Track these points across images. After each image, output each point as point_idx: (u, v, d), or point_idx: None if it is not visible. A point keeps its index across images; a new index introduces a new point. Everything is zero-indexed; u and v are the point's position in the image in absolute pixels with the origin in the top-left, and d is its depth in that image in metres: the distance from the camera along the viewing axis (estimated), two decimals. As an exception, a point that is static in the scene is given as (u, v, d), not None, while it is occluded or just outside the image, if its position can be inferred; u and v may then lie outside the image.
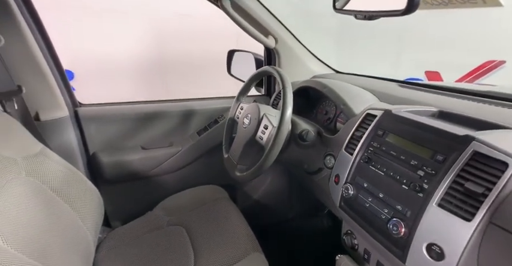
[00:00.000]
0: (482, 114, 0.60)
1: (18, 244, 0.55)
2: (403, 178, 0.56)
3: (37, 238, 0.61)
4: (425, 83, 0.93)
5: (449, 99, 0.77)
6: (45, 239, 0.63)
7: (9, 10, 0.79)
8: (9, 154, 0.69)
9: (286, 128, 0.73)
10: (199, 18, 1.32)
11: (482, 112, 0.63)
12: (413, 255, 0.51)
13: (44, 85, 0.95)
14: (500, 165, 0.44)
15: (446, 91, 0.84)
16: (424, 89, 0.89)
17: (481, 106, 0.69)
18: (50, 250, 0.62)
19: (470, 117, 0.61)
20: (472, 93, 0.77)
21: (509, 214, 0.42)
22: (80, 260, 0.72)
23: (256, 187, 1.46)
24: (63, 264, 0.64)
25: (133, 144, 1.21)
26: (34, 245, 0.59)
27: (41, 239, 0.61)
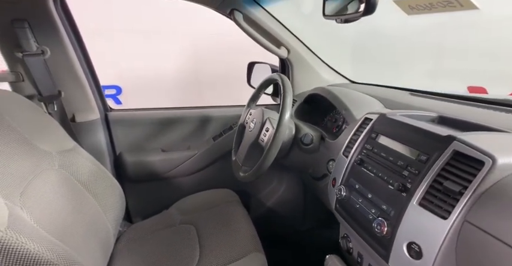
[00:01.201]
0: (484, 119, 0.60)
1: (46, 226, 0.64)
2: (390, 179, 0.57)
3: (63, 223, 0.70)
4: (437, 92, 0.92)
5: (457, 106, 0.76)
6: (70, 224, 0.72)
7: (55, 27, 0.95)
8: (46, 148, 0.81)
9: (284, 130, 0.78)
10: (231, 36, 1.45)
11: (485, 118, 0.62)
12: (395, 254, 0.52)
13: (81, 91, 1.10)
14: (477, 163, 0.44)
15: (458, 99, 0.82)
16: (434, 97, 0.89)
17: (488, 112, 0.68)
18: (73, 234, 0.71)
19: (468, 121, 0.61)
20: (485, 101, 0.76)
21: (482, 212, 0.42)
22: (100, 248, 0.80)
23: (270, 195, 1.49)
24: (84, 249, 0.72)
25: (155, 146, 1.32)
26: (60, 228, 0.68)
27: (66, 224, 0.70)
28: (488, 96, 0.79)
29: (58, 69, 1.01)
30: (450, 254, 0.45)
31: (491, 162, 0.43)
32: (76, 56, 1.03)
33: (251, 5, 1.03)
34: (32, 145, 0.77)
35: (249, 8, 1.03)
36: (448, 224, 0.44)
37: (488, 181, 0.43)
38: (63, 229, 0.68)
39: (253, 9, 1.04)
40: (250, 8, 1.03)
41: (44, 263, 0.57)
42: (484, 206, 0.42)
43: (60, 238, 0.65)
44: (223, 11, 1.03)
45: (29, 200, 0.64)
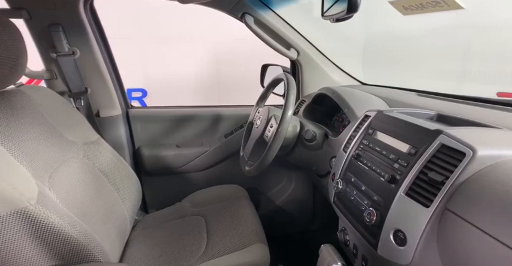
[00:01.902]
0: (479, 117, 0.61)
1: (70, 206, 0.72)
2: (382, 171, 0.60)
3: (84, 206, 0.78)
4: (443, 93, 0.93)
5: (458, 105, 0.77)
6: (91, 208, 0.79)
7: (84, 30, 1.05)
8: (73, 138, 0.91)
9: (286, 126, 0.82)
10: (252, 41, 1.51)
11: (480, 115, 0.63)
12: (383, 242, 0.54)
13: (105, 89, 1.20)
14: (459, 155, 0.47)
15: (461, 99, 0.83)
16: (439, 97, 0.90)
17: (485, 110, 0.69)
18: (93, 217, 0.78)
19: (462, 118, 0.62)
20: (487, 101, 0.76)
21: (461, 200, 0.44)
22: (116, 232, 0.88)
23: (279, 194, 1.52)
24: (102, 231, 0.79)
25: (170, 142, 1.40)
26: (81, 210, 0.75)
27: (87, 207, 0.78)
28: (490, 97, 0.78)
29: (86, 68, 1.11)
30: (432, 240, 0.47)
31: (472, 153, 0.45)
32: (102, 57, 1.13)
33: (261, 9, 1.08)
34: (61, 136, 0.86)
35: (260, 11, 1.09)
36: (430, 212, 0.47)
37: (468, 171, 0.45)
38: (84, 211, 0.75)
39: (263, 12, 1.09)
40: (261, 11, 1.09)
41: (65, 236, 0.65)
42: (463, 195, 0.44)
43: (81, 219, 0.73)
44: (235, 14, 1.10)
45: (56, 183, 0.72)
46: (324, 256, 0.62)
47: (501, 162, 0.44)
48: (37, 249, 0.63)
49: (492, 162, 0.45)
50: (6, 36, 0.67)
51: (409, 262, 0.49)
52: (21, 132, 0.71)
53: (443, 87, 1.01)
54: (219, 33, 2.37)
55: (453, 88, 1.81)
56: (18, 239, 0.62)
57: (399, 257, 0.50)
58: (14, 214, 0.60)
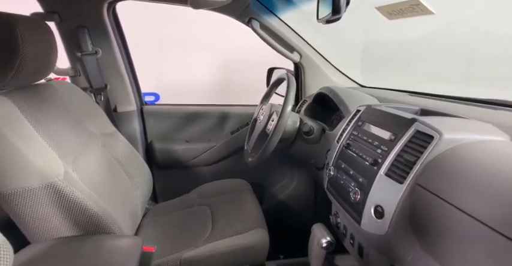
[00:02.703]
0: (457, 111, 0.68)
1: (92, 187, 0.79)
2: (367, 156, 0.67)
3: (102, 188, 0.85)
4: (433, 93, 0.99)
5: (443, 103, 0.84)
6: (107, 191, 0.87)
7: (107, 32, 1.16)
8: (93, 129, 1.00)
9: (286, 120, 0.89)
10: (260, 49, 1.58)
11: (458, 110, 0.70)
12: (365, 217, 0.61)
13: (122, 86, 1.31)
14: (429, 138, 0.54)
15: (448, 98, 0.90)
16: (429, 97, 0.96)
17: (464, 107, 0.75)
18: (109, 198, 0.86)
19: (441, 112, 0.69)
20: (470, 100, 0.83)
21: (429, 176, 0.51)
22: (129, 217, 0.96)
23: (282, 190, 1.59)
24: (117, 213, 0.85)
25: (180, 137, 1.49)
26: (100, 190, 0.83)
27: (104, 189, 0.86)
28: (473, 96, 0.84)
29: (106, 67, 1.22)
30: (405, 212, 0.54)
31: (439, 136, 0.52)
32: (121, 57, 1.24)
33: (266, 14, 1.18)
34: (83, 126, 0.96)
35: (265, 16, 1.18)
36: (403, 187, 0.54)
37: (436, 151, 0.52)
38: (102, 193, 0.84)
39: (268, 18, 1.19)
40: (266, 16, 1.18)
41: (87, 210, 0.74)
42: (431, 171, 0.51)
43: (101, 198, 0.81)
44: (242, 19, 1.19)
45: (78, 167, 0.81)
46: (315, 233, 0.69)
47: (464, 144, 0.51)
48: (62, 218, 0.72)
49: (456, 143, 0.51)
50: (42, 35, 0.77)
51: (385, 233, 0.56)
52: (49, 121, 0.80)
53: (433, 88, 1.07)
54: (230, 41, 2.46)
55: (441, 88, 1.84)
56: (47, 209, 0.71)
57: (377, 229, 0.57)
58: (44, 187, 0.69)
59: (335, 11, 0.55)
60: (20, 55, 0.69)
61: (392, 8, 0.62)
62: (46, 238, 0.71)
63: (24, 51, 0.69)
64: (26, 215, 0.69)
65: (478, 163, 0.47)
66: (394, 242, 0.56)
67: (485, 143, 0.51)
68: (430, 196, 0.49)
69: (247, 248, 0.89)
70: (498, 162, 0.45)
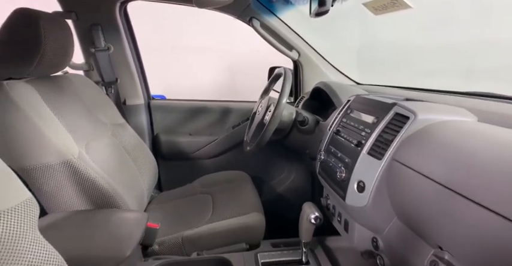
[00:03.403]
0: (435, 99, 0.73)
1: (102, 169, 0.86)
2: (353, 139, 0.72)
3: (112, 170, 0.91)
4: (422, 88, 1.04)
5: (427, 94, 0.89)
6: (116, 175, 0.93)
7: (118, 29, 1.24)
8: (104, 119, 1.07)
9: (281, 110, 0.95)
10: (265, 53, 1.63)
11: (437, 99, 0.75)
12: (349, 192, 0.66)
13: (131, 81, 1.38)
14: (405, 119, 0.59)
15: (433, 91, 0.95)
16: (417, 90, 1.01)
17: (443, 96, 0.80)
18: (119, 181, 0.92)
19: (425, 100, 0.74)
20: (451, 92, 0.88)
21: (404, 151, 0.56)
22: (135, 201, 1.02)
23: (280, 183, 1.64)
24: (125, 193, 0.90)
25: (184, 131, 1.55)
26: (111, 172, 0.89)
27: (114, 172, 0.92)
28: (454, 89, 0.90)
29: (117, 62, 1.30)
30: (383, 185, 0.59)
31: (414, 116, 0.57)
32: (130, 52, 1.32)
33: (267, 14, 1.24)
34: (95, 116, 1.03)
35: (265, 16, 1.24)
36: (381, 163, 0.59)
37: (410, 130, 0.57)
38: (111, 175, 0.89)
39: (268, 17, 1.25)
40: (266, 16, 1.25)
41: (98, 186, 0.80)
42: (406, 147, 0.56)
43: (113, 180, 0.87)
44: (244, 19, 1.26)
45: (90, 150, 0.87)
46: (305, 209, 0.74)
47: (436, 123, 0.56)
48: (76, 193, 0.79)
49: (429, 122, 0.57)
50: (60, 32, 0.85)
51: (365, 204, 0.61)
52: (65, 108, 0.87)
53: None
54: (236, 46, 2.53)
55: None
56: (63, 184, 0.78)
57: (359, 201, 0.62)
58: (61, 163, 0.76)
59: (321, 3, 0.61)
60: (42, 47, 0.76)
61: (376, 4, 0.68)
62: (61, 209, 0.78)
63: (45, 44, 0.77)
64: (44, 188, 0.75)
65: (446, 138, 0.52)
66: (373, 213, 0.61)
67: (455, 122, 0.56)
68: (404, 169, 0.54)
69: (244, 228, 0.94)
70: (462, 137, 0.51)
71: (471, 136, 0.50)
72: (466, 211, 0.41)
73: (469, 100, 0.70)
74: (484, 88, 0.78)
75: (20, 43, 0.75)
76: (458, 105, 0.66)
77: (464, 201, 0.42)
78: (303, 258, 0.77)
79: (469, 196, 0.41)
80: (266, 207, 1.15)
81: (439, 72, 1.20)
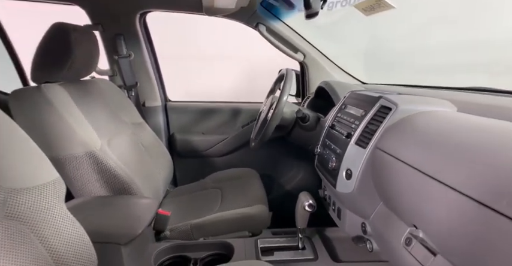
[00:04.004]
0: (433, 95, 0.75)
1: (124, 163, 0.94)
2: (344, 132, 0.76)
3: (131, 164, 1.00)
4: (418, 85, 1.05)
5: (420, 90, 0.91)
6: (135, 170, 1.01)
7: (138, 38, 1.36)
8: (125, 119, 1.18)
9: (282, 107, 1.00)
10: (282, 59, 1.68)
11: (435, 94, 0.77)
12: (339, 180, 0.70)
13: (150, 85, 1.49)
14: (388, 110, 0.62)
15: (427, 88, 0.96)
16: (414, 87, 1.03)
17: (435, 91, 0.82)
18: (136, 173, 1.00)
19: (414, 94, 0.77)
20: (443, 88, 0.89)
21: (386, 140, 0.59)
22: (151, 193, 1.10)
23: (288, 181, 1.68)
24: (142, 185, 0.99)
25: (197, 130, 1.64)
26: (129, 165, 0.98)
27: (132, 165, 1.01)
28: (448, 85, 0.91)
29: (137, 67, 1.41)
30: (367, 172, 0.62)
31: (396, 107, 0.61)
32: (149, 59, 1.43)
33: (272, 19, 1.30)
34: (117, 116, 1.13)
35: (271, 21, 1.31)
36: (366, 151, 0.63)
37: (392, 120, 0.60)
38: (129, 167, 0.98)
39: (274, 22, 1.31)
40: (272, 21, 1.31)
41: (117, 176, 0.89)
42: (388, 136, 0.60)
43: (131, 172, 0.96)
44: (250, 24, 1.33)
45: (111, 145, 0.97)
46: (300, 198, 0.78)
47: (416, 113, 0.59)
48: (98, 181, 0.89)
49: (410, 113, 0.60)
50: (88, 42, 0.96)
51: (352, 190, 0.64)
52: (91, 108, 0.98)
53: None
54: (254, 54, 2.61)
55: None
56: (87, 173, 0.87)
57: (347, 188, 0.66)
58: (86, 154, 0.86)
59: (306, 5, 0.66)
60: (73, 55, 0.87)
61: (364, 5, 0.72)
62: (85, 195, 0.88)
63: (75, 52, 0.88)
64: (71, 176, 0.86)
65: (423, 126, 0.55)
66: (359, 199, 0.64)
67: (434, 112, 0.59)
68: (385, 156, 0.58)
69: (247, 217, 0.99)
70: (437, 124, 0.53)
71: (445, 123, 0.53)
72: (434, 191, 0.44)
73: (453, 93, 0.72)
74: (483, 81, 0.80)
75: (55, 52, 0.87)
76: (445, 97, 0.68)
77: (433, 182, 0.45)
78: (299, 244, 0.81)
79: (438, 177, 0.44)
80: (275, 204, 1.20)
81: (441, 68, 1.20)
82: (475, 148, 0.42)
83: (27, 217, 0.47)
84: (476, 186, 0.37)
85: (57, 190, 0.53)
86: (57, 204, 0.52)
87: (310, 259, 0.76)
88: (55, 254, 0.49)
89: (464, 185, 0.40)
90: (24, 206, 0.47)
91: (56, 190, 0.53)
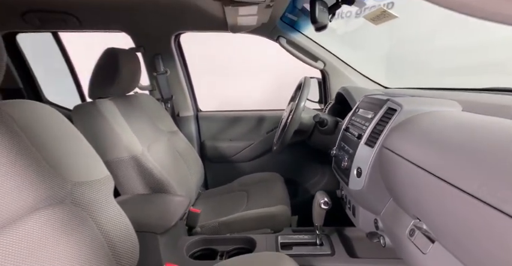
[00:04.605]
0: (445, 96, 0.77)
1: (161, 166, 1.08)
2: (356, 133, 0.79)
3: (168, 167, 1.13)
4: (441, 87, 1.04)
5: (440, 92, 0.91)
6: (171, 171, 1.14)
7: (173, 56, 1.52)
8: (162, 128, 1.32)
9: (299, 112, 1.06)
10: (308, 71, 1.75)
11: (448, 96, 0.78)
12: (351, 178, 0.74)
13: (184, 97, 1.65)
14: (394, 111, 0.66)
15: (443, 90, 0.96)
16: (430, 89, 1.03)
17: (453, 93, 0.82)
18: (172, 176, 1.13)
19: (425, 96, 0.78)
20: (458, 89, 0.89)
21: (391, 139, 0.63)
22: (185, 193, 1.23)
23: (313, 186, 1.70)
24: (176, 187, 1.10)
25: (226, 137, 1.75)
26: (167, 169, 1.11)
27: (169, 169, 1.14)
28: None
29: (172, 83, 1.58)
30: (376, 169, 0.66)
31: (401, 108, 0.64)
32: (182, 75, 1.59)
33: (292, 32, 1.38)
34: (155, 125, 1.28)
35: (290, 33, 1.39)
36: (373, 150, 0.66)
37: (397, 120, 0.64)
38: (167, 171, 1.10)
39: (293, 34, 1.39)
40: (291, 33, 1.39)
41: (155, 177, 1.02)
42: (393, 136, 0.63)
43: (169, 176, 1.08)
44: (272, 37, 1.42)
45: (151, 151, 1.10)
46: (316, 197, 0.82)
47: (420, 114, 0.62)
48: (139, 181, 1.02)
49: (414, 113, 0.63)
50: (133, 62, 1.12)
51: (362, 187, 0.68)
52: (134, 119, 1.13)
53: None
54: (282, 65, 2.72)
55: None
56: (130, 174, 1.01)
57: (357, 185, 0.70)
58: (130, 158, 1.00)
59: (313, 20, 0.73)
60: (119, 74, 1.03)
61: (372, 16, 0.77)
62: (129, 193, 1.01)
63: (122, 71, 1.04)
64: (118, 176, 1.00)
65: (425, 125, 0.58)
66: (370, 195, 0.68)
67: (439, 112, 0.61)
68: (390, 154, 0.61)
69: (270, 216, 1.05)
70: (441, 124, 0.56)
71: (447, 122, 0.55)
72: (434, 186, 0.47)
73: (461, 93, 0.72)
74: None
75: (106, 72, 1.03)
76: (456, 98, 0.70)
77: (433, 178, 0.48)
78: (317, 240, 0.85)
79: (437, 174, 0.47)
80: (299, 207, 1.24)
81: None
82: (474, 145, 0.44)
83: (87, 204, 0.59)
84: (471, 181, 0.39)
85: (108, 185, 0.65)
86: (109, 196, 0.64)
87: (327, 254, 0.79)
88: (107, 237, 0.60)
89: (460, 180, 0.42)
90: (85, 196, 0.59)
91: (108, 185, 0.65)
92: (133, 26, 1.39)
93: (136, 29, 1.42)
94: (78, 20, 1.27)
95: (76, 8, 1.18)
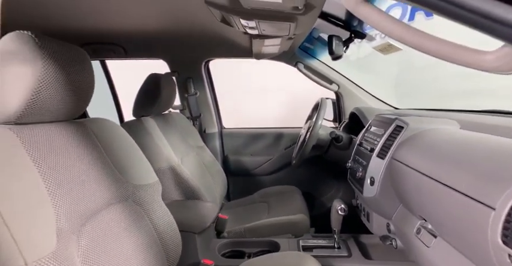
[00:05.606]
0: (447, 116, 0.87)
1: (190, 172, 1.21)
2: (369, 147, 0.90)
3: (197, 177, 1.26)
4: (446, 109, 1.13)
5: (443, 113, 1.00)
6: (199, 180, 1.26)
7: (202, 79, 1.70)
8: (191, 143, 1.47)
9: (317, 130, 1.17)
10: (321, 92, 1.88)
11: (449, 116, 0.88)
12: (365, 187, 0.83)
13: (210, 116, 1.81)
14: (401, 128, 0.76)
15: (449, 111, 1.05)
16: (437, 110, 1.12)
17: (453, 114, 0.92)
18: (202, 186, 1.24)
19: (429, 116, 0.88)
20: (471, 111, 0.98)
21: (400, 152, 0.73)
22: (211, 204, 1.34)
23: (329, 200, 1.77)
24: (205, 195, 1.24)
25: (247, 152, 1.88)
26: (197, 179, 1.24)
27: (198, 179, 1.26)
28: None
29: (201, 103, 1.74)
30: (386, 178, 0.75)
31: (407, 126, 0.75)
32: (210, 96, 1.76)
33: (309, 58, 1.54)
34: (186, 140, 1.43)
35: (308, 60, 1.54)
36: (384, 162, 0.76)
37: (404, 136, 0.74)
38: (196, 180, 1.22)
39: (310, 60, 1.54)
40: (309, 59, 1.54)
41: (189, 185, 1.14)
42: (401, 149, 0.73)
43: (197, 180, 1.21)
44: (291, 63, 1.58)
45: (183, 163, 1.24)
46: (334, 204, 0.91)
47: (424, 130, 0.72)
48: (175, 189, 1.14)
49: (419, 130, 0.73)
50: (169, 85, 1.29)
51: (375, 194, 0.77)
52: (169, 134, 1.28)
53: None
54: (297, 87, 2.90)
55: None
56: (168, 182, 1.14)
57: (370, 192, 0.79)
58: (168, 168, 1.13)
59: (330, 52, 0.87)
60: (160, 96, 1.20)
61: (380, 47, 0.90)
62: (167, 199, 1.13)
63: (162, 93, 1.20)
64: None
65: (428, 140, 0.68)
66: (382, 202, 0.76)
67: (439, 130, 0.71)
68: (400, 165, 0.71)
69: (291, 223, 1.14)
70: (442, 139, 0.66)
71: (446, 138, 0.65)
72: (435, 189, 0.57)
73: (459, 114, 0.82)
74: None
75: (149, 94, 1.20)
76: (456, 118, 0.79)
77: (435, 183, 0.57)
78: (335, 244, 0.93)
79: (438, 179, 0.56)
80: (315, 220, 1.31)
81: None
82: (465, 155, 0.54)
83: (143, 204, 0.71)
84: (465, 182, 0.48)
85: (158, 189, 0.78)
86: (159, 198, 0.77)
87: (345, 256, 0.87)
88: (158, 233, 0.72)
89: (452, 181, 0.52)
90: (142, 197, 0.71)
91: (157, 188, 0.78)
92: (170, 54, 1.59)
93: (173, 56, 1.62)
94: (124, 50, 1.48)
95: (123, 39, 1.38)
